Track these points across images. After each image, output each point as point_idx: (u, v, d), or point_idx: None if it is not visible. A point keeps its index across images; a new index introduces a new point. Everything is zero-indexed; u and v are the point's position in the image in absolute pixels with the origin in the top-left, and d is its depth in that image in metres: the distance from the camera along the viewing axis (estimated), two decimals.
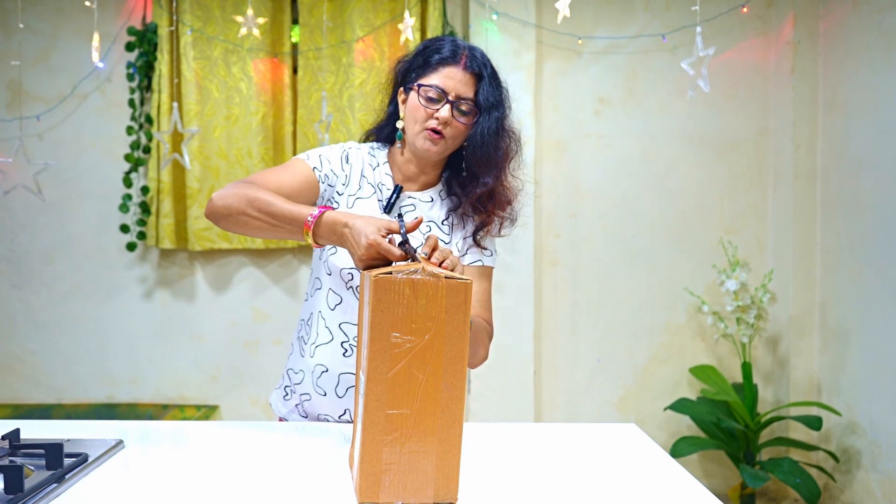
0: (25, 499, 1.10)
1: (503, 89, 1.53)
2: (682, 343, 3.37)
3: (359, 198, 1.56)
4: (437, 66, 1.48)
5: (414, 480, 1.08)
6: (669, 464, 1.32)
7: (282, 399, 1.66)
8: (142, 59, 3.17)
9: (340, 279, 1.53)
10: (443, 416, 1.07)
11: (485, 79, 1.49)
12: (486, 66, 1.50)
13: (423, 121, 1.48)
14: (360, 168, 1.58)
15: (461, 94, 1.47)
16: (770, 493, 3.28)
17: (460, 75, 1.47)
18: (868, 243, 2.87)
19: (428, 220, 1.58)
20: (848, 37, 3.00)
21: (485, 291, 1.61)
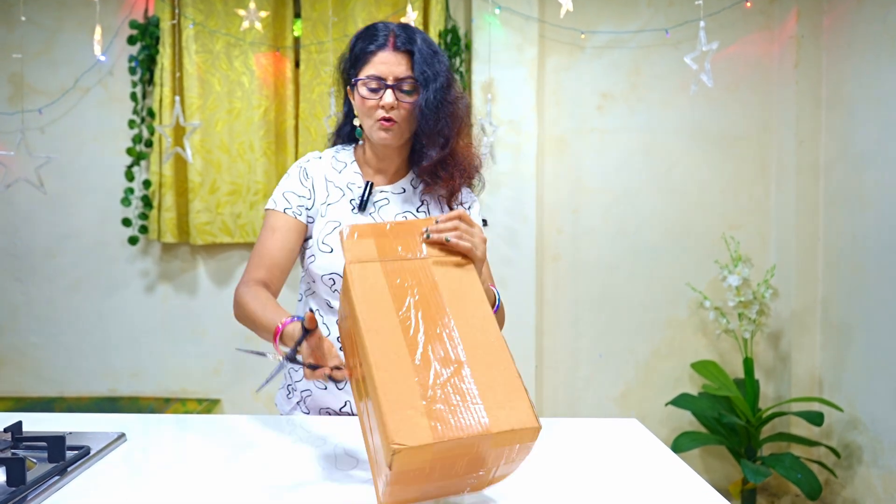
0: (28, 491, 1.10)
1: (440, 58, 1.52)
2: (683, 338, 3.37)
3: (329, 204, 1.57)
4: (370, 55, 1.48)
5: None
6: (671, 459, 1.32)
7: (285, 398, 1.68)
8: (144, 52, 3.17)
9: (324, 285, 1.56)
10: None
11: (416, 53, 1.48)
12: (415, 40, 1.49)
13: (371, 113, 1.49)
14: (322, 176, 1.59)
15: (398, 75, 1.47)
16: (771, 488, 3.28)
17: (392, 58, 1.47)
18: (871, 239, 2.86)
19: (403, 212, 1.59)
20: (852, 32, 2.99)
21: (486, 265, 1.59)
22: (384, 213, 1.57)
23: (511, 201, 3.23)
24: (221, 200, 3.21)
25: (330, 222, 1.56)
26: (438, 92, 1.48)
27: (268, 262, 1.55)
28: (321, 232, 1.56)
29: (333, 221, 1.55)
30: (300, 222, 1.57)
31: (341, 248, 1.20)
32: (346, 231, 1.19)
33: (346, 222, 1.55)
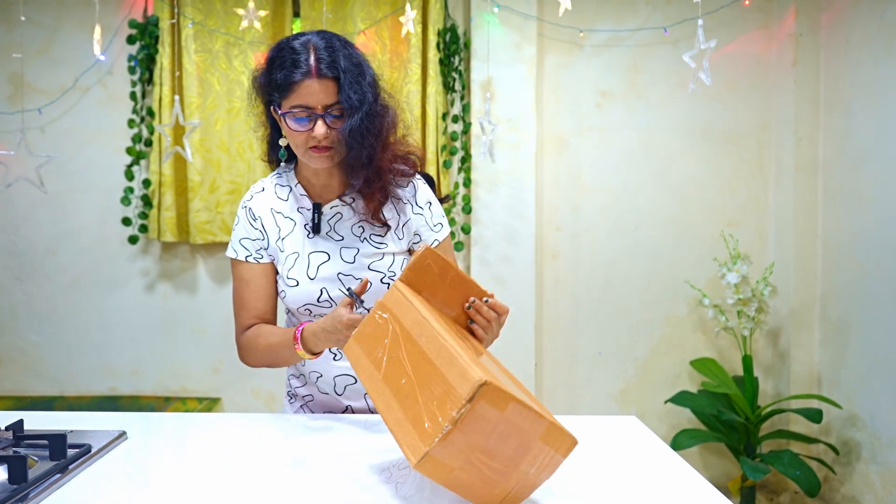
0: (29, 489, 1.11)
1: (365, 74, 1.43)
2: (682, 336, 3.37)
3: (283, 238, 1.55)
4: (294, 85, 1.39)
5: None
6: (670, 456, 1.33)
7: (288, 403, 1.70)
8: (143, 51, 3.17)
9: (301, 314, 1.56)
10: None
11: (341, 78, 1.40)
12: (340, 62, 1.40)
13: (303, 143, 1.43)
14: (269, 210, 1.56)
15: (326, 102, 1.40)
16: (770, 485, 3.29)
17: (316, 86, 1.39)
18: (869, 236, 2.87)
19: (358, 222, 1.55)
20: (850, 29, 2.99)
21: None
22: (340, 229, 1.54)
23: (510, 199, 3.24)
24: (221, 199, 3.22)
25: (290, 256, 1.54)
26: (364, 118, 1.41)
27: (254, 312, 1.57)
28: (284, 267, 1.54)
29: (293, 254, 1.53)
30: (265, 265, 1.57)
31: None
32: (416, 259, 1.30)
33: (304, 251, 1.53)
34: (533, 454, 1.06)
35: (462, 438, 1.00)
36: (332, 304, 1.52)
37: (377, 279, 1.52)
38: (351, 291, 1.39)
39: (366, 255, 1.53)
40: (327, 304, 1.52)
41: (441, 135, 3.21)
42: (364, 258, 1.53)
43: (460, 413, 0.99)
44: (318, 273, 1.52)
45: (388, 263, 1.54)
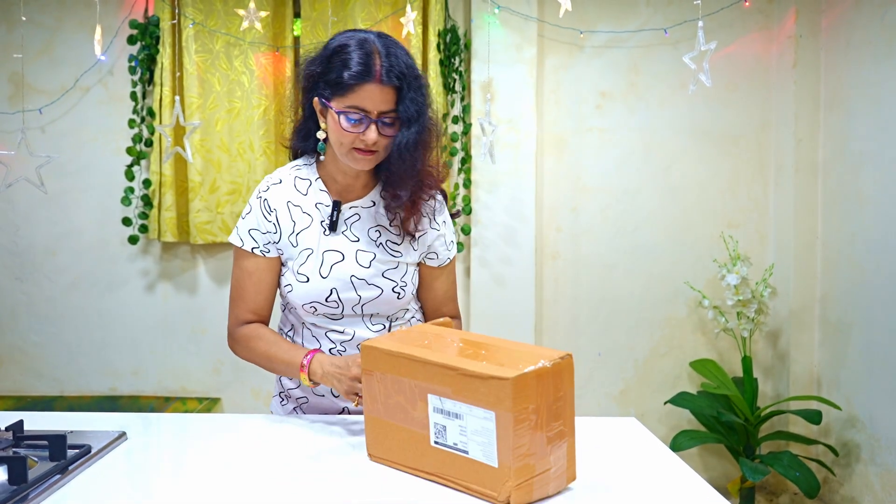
0: (29, 490, 1.11)
1: (422, 87, 1.45)
2: (682, 337, 3.38)
3: (297, 233, 1.52)
4: (353, 84, 1.38)
5: None
6: (670, 457, 1.33)
7: (280, 405, 1.68)
8: (144, 52, 3.17)
9: (306, 312, 1.55)
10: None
11: (404, 89, 1.40)
12: (404, 72, 1.40)
13: (349, 143, 1.41)
14: (285, 203, 1.53)
15: (382, 109, 1.39)
16: (770, 486, 3.29)
17: (378, 91, 1.38)
18: (869, 238, 2.87)
19: (376, 226, 1.54)
20: (850, 31, 2.99)
21: (453, 284, 1.66)
22: (356, 230, 1.53)
23: (510, 200, 3.24)
24: (221, 200, 3.22)
25: (303, 251, 1.51)
26: (416, 134, 1.42)
27: (252, 305, 1.56)
28: (296, 262, 1.52)
29: (307, 249, 1.51)
30: (271, 259, 1.54)
31: None
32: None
33: (318, 248, 1.51)
34: (565, 453, 1.13)
35: (549, 382, 1.11)
36: (339, 305, 1.52)
37: (389, 287, 1.52)
38: None
39: (381, 262, 1.52)
40: (334, 305, 1.52)
41: (441, 136, 3.21)
42: (380, 264, 1.52)
43: (553, 361, 1.13)
44: (331, 272, 1.50)
45: (401, 273, 1.54)
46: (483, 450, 1.09)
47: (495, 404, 1.06)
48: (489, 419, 1.07)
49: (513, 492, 1.07)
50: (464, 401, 1.10)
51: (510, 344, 1.21)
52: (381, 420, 1.23)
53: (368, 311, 1.54)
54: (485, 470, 1.09)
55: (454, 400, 1.11)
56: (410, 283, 1.56)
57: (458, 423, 1.11)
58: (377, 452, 1.26)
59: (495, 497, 1.08)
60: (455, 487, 1.14)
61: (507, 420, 1.05)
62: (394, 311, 1.57)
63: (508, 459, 1.06)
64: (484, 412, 1.08)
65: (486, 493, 1.10)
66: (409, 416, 1.18)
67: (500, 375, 1.06)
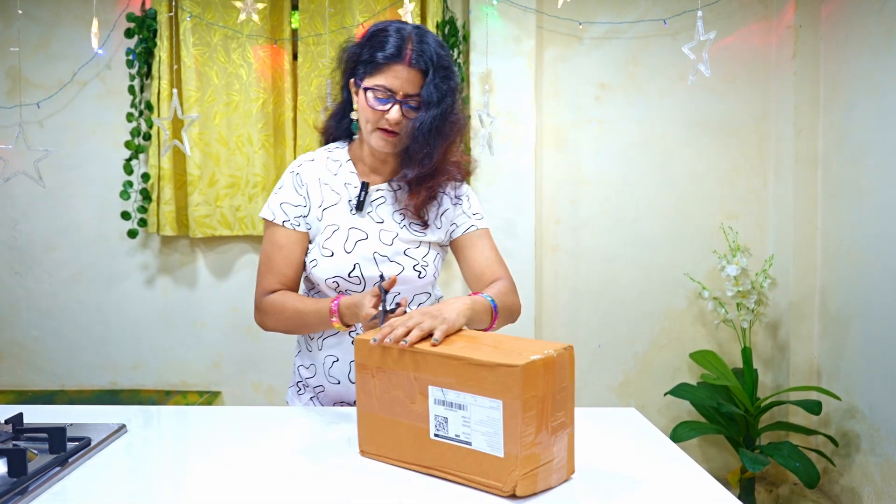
0: (29, 482, 1.11)
1: (451, 77, 1.50)
2: (682, 328, 3.38)
3: (325, 208, 1.57)
4: (383, 64, 1.46)
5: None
6: (671, 448, 1.33)
7: (296, 395, 1.70)
8: (141, 45, 3.16)
9: (328, 288, 1.56)
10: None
11: (430, 74, 1.46)
12: (433, 59, 1.47)
13: (374, 121, 1.49)
14: (316, 180, 1.59)
15: (408, 91, 1.46)
16: (769, 476, 3.29)
17: (405, 73, 1.45)
18: (869, 228, 2.87)
19: (401, 209, 1.59)
20: (850, 21, 2.98)
21: (489, 248, 1.66)
22: (381, 212, 1.58)
23: (509, 192, 3.23)
24: (220, 193, 3.21)
25: (329, 226, 1.56)
26: (438, 117, 1.47)
27: (280, 278, 1.57)
28: (321, 237, 1.56)
29: (332, 225, 1.56)
30: (301, 233, 1.58)
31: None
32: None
33: (344, 225, 1.56)
34: (566, 445, 1.13)
35: (554, 372, 1.12)
36: (361, 281, 1.54)
37: (410, 265, 1.55)
38: (380, 285, 1.36)
39: (403, 241, 1.57)
40: (356, 281, 1.54)
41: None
42: (402, 242, 1.56)
43: (557, 351, 1.14)
44: (355, 248, 1.54)
45: (423, 252, 1.58)
46: (488, 440, 1.09)
47: (503, 393, 1.06)
48: (496, 408, 1.07)
49: (519, 481, 1.07)
50: (468, 391, 1.10)
51: (506, 337, 1.22)
52: (375, 415, 1.22)
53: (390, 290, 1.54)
54: (489, 461, 1.09)
55: (458, 391, 1.11)
56: (432, 265, 1.59)
57: (461, 414, 1.11)
58: (370, 449, 1.24)
59: (500, 488, 1.08)
60: (456, 480, 1.14)
61: (515, 408, 1.05)
62: (414, 294, 1.59)
63: (516, 448, 1.06)
64: (490, 401, 1.08)
65: (489, 485, 1.10)
66: (407, 409, 1.18)
67: (510, 363, 1.06)
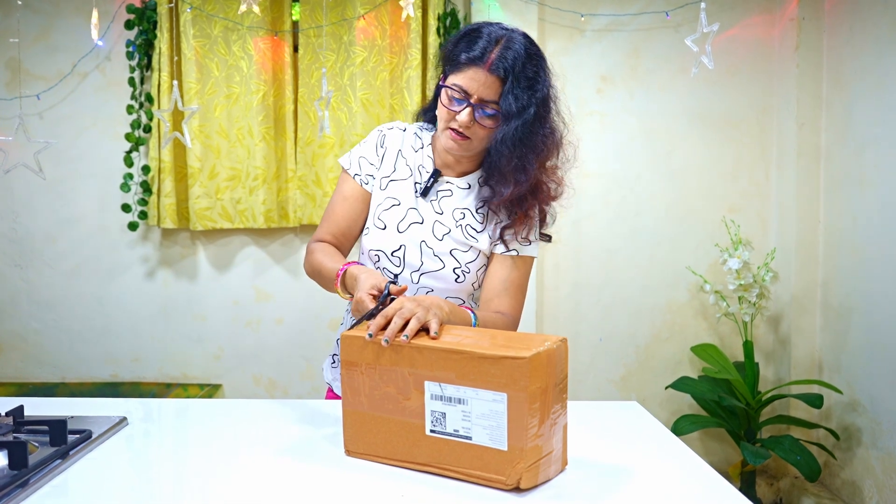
0: (29, 475, 1.11)
1: (537, 88, 1.43)
2: (683, 322, 3.37)
3: (392, 180, 1.58)
4: (465, 64, 1.41)
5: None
6: (672, 441, 1.33)
7: (329, 366, 1.72)
8: (141, 37, 3.15)
9: (369, 260, 1.57)
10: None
11: (510, 82, 1.39)
12: (515, 66, 1.39)
13: (446, 120, 1.45)
14: (396, 149, 1.59)
15: (484, 96, 1.40)
16: (770, 470, 3.29)
17: (483, 77, 1.39)
18: (871, 222, 2.86)
19: (463, 208, 1.56)
20: (853, 14, 2.97)
21: (511, 280, 1.55)
22: (445, 204, 1.55)
23: None
24: (221, 186, 3.20)
25: (389, 199, 1.56)
26: (521, 128, 1.41)
27: (335, 229, 1.59)
28: (379, 206, 1.57)
29: (393, 199, 1.56)
30: (366, 192, 1.59)
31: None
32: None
33: (406, 203, 1.55)
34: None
35: (555, 364, 1.10)
36: (401, 264, 1.54)
37: (451, 266, 1.53)
38: (388, 288, 1.29)
39: (454, 240, 1.54)
40: (397, 262, 1.54)
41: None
42: (452, 241, 1.54)
43: (556, 343, 1.12)
44: (408, 230, 1.54)
45: (469, 258, 1.54)
46: (490, 433, 1.08)
47: (508, 385, 1.06)
48: (499, 401, 1.07)
49: (524, 473, 1.06)
50: (470, 385, 1.09)
51: (494, 331, 1.21)
52: (363, 413, 1.20)
53: (423, 284, 1.54)
54: (490, 455, 1.09)
55: (457, 385, 1.10)
56: (474, 273, 1.55)
57: (460, 408, 1.11)
58: (357, 448, 1.22)
59: (502, 481, 1.08)
60: (453, 476, 1.13)
61: (521, 400, 1.05)
62: (446, 296, 1.54)
63: (521, 441, 1.06)
64: (494, 394, 1.07)
65: (490, 479, 1.09)
66: (400, 406, 1.16)
67: (515, 355, 1.05)
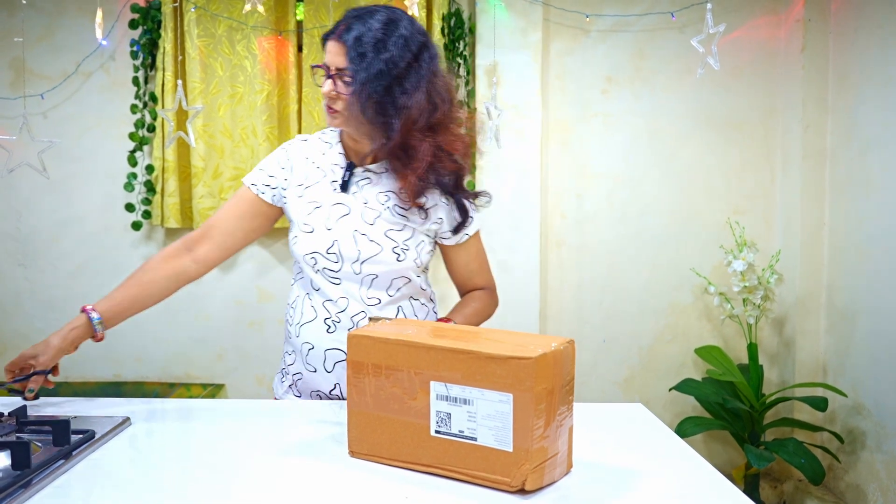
0: (32, 475, 1.10)
1: (384, 50, 1.44)
2: (687, 324, 3.36)
3: (307, 186, 1.60)
4: (323, 43, 1.51)
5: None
6: (677, 443, 1.32)
7: (279, 382, 1.72)
8: (146, 36, 3.15)
9: (306, 265, 1.58)
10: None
11: (356, 47, 1.44)
12: (363, 34, 1.44)
13: (324, 101, 1.52)
14: (303, 158, 1.63)
15: (338, 65, 1.47)
16: (774, 473, 3.28)
17: (335, 47, 1.47)
18: (876, 224, 2.85)
19: (386, 190, 1.58)
20: (859, 15, 2.96)
21: (477, 255, 1.69)
22: (368, 192, 1.58)
23: (515, 186, 3.22)
24: (224, 185, 3.20)
25: (310, 203, 1.58)
26: (369, 88, 1.44)
27: (210, 222, 1.63)
28: (301, 213, 1.58)
29: (314, 203, 1.58)
30: (259, 199, 1.62)
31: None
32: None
33: (327, 202, 1.57)
34: (567, 439, 1.13)
35: (561, 366, 1.10)
36: (339, 259, 1.55)
37: (389, 247, 1.54)
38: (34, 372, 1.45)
39: (386, 221, 1.56)
40: (334, 258, 1.54)
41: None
42: (384, 223, 1.55)
43: (563, 344, 1.11)
44: (336, 224, 1.55)
45: (405, 236, 1.56)
46: (496, 434, 1.08)
47: (514, 386, 1.05)
48: (505, 402, 1.06)
49: (529, 475, 1.06)
50: (475, 385, 1.09)
51: (501, 331, 1.21)
52: (369, 413, 1.19)
53: (367, 272, 1.54)
54: (495, 456, 1.08)
55: (463, 385, 1.10)
56: (414, 250, 1.57)
57: (466, 409, 1.10)
58: (362, 449, 1.21)
59: (507, 482, 1.07)
60: (457, 478, 1.12)
61: (527, 401, 1.04)
62: (391, 279, 1.57)
63: (526, 442, 1.05)
64: (500, 395, 1.06)
65: (495, 480, 1.09)
66: (406, 406, 1.16)
67: (522, 356, 1.05)
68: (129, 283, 1.58)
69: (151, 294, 1.60)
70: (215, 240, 1.62)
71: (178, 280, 1.61)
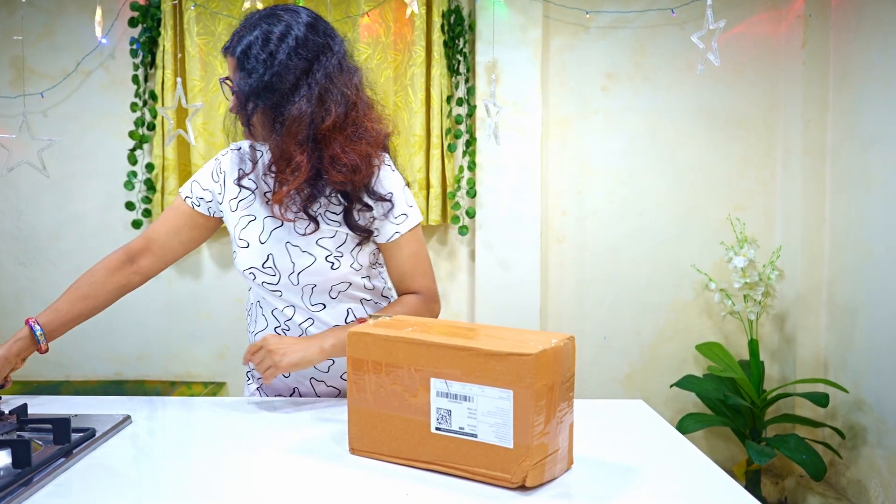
0: (33, 473, 1.10)
1: (249, 58, 1.41)
2: (688, 320, 3.36)
3: (240, 199, 1.57)
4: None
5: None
6: (678, 439, 1.32)
7: (246, 384, 1.74)
8: (145, 34, 3.15)
9: (246, 278, 1.57)
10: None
11: (238, 59, 1.43)
12: (238, 43, 1.42)
13: None
14: (236, 169, 1.58)
15: (233, 78, 1.46)
16: (776, 469, 3.28)
17: (228, 61, 1.47)
18: (877, 220, 2.84)
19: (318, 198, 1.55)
20: (860, 11, 2.95)
21: (411, 256, 1.56)
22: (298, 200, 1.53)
23: (515, 183, 3.22)
24: None
25: (244, 217, 1.55)
26: (252, 99, 1.42)
27: (150, 234, 1.62)
28: (237, 227, 1.56)
29: (248, 216, 1.55)
30: (195, 211, 1.60)
31: None
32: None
33: (260, 215, 1.54)
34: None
35: (562, 362, 1.09)
36: (276, 273, 1.53)
37: (322, 256, 1.51)
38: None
39: (318, 230, 1.51)
40: (271, 272, 1.52)
41: (445, 118, 3.19)
42: (316, 233, 1.51)
43: (563, 340, 1.11)
44: (270, 237, 1.53)
45: (337, 242, 1.51)
46: (496, 431, 1.08)
47: (514, 382, 1.05)
48: (505, 398, 1.06)
49: (529, 471, 1.06)
50: (476, 382, 1.09)
51: (503, 328, 1.20)
52: (370, 411, 1.19)
53: (305, 282, 1.53)
54: (495, 452, 1.08)
55: (464, 382, 1.10)
56: (348, 255, 1.52)
57: (466, 406, 1.10)
58: (362, 446, 1.21)
59: (507, 479, 1.07)
60: (458, 474, 1.12)
61: (527, 398, 1.04)
62: (331, 285, 1.54)
63: (527, 438, 1.05)
64: (500, 392, 1.06)
65: (495, 477, 1.09)
66: (406, 403, 1.16)
67: (522, 352, 1.05)
68: (73, 294, 1.56)
69: (96, 306, 1.59)
70: (156, 254, 1.61)
71: (122, 292, 1.61)
